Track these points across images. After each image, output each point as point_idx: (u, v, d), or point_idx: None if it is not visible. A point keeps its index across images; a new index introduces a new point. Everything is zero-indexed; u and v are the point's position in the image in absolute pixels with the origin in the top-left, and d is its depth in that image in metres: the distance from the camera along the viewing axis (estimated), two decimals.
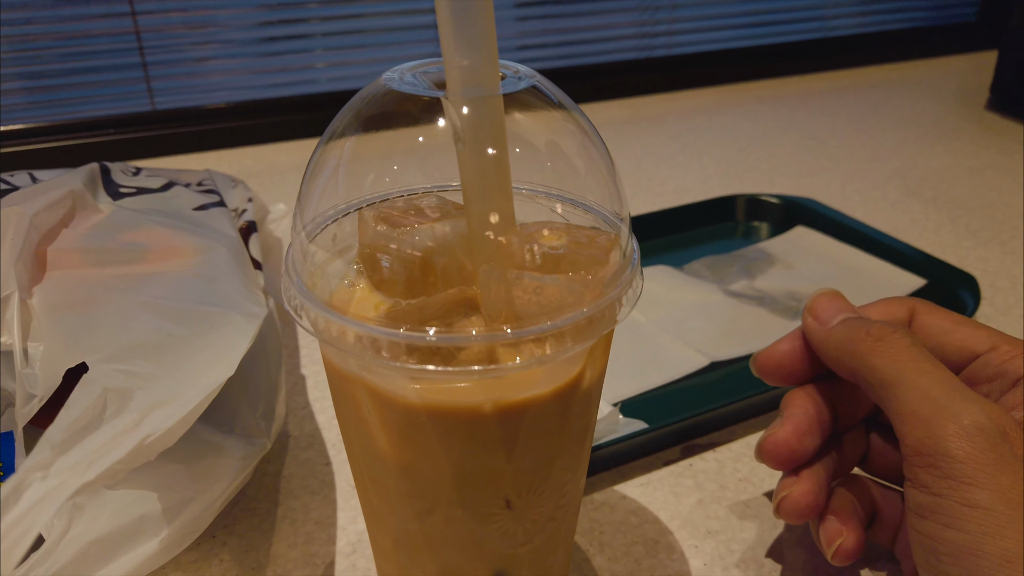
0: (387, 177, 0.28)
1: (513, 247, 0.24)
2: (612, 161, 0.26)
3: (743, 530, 0.36)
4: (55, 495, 0.20)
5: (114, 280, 0.35)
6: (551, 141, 0.26)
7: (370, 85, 0.25)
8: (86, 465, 0.21)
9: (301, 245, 0.26)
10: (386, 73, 0.25)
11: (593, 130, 0.26)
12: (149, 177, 0.50)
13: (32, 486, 0.20)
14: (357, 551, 0.35)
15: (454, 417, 0.23)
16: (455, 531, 0.26)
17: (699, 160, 0.81)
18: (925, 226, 0.66)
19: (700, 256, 0.58)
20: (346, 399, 0.25)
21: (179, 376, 0.29)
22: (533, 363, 0.22)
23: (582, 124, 0.25)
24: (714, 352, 0.47)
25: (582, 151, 0.26)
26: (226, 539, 0.36)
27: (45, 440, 0.22)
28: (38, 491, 0.20)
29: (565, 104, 0.25)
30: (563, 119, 0.25)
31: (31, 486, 0.20)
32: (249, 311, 0.34)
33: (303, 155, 0.82)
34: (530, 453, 0.25)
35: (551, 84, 0.25)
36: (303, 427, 0.43)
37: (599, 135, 0.26)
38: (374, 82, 0.25)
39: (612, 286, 0.24)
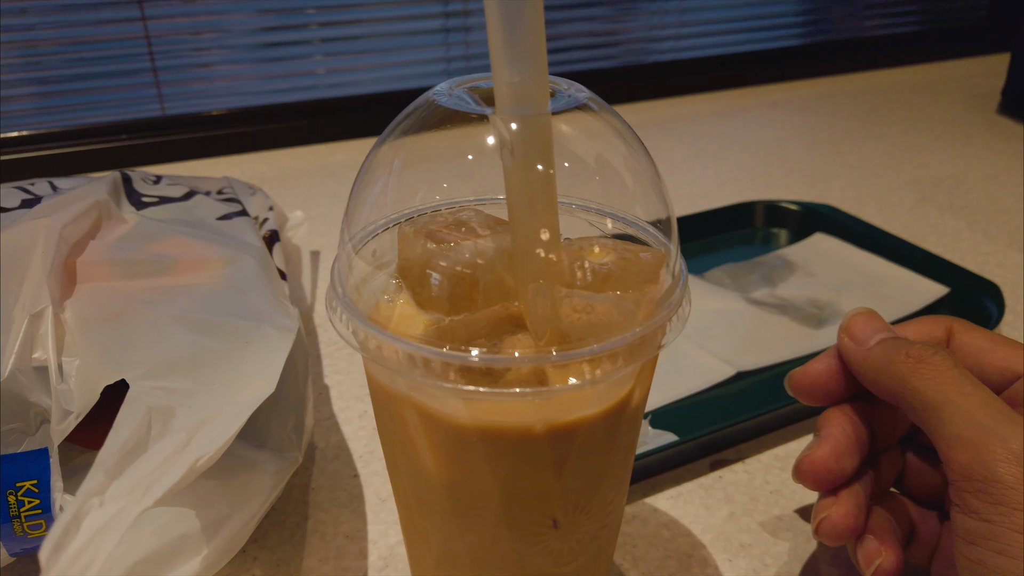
0: (436, 194, 0.28)
1: (562, 265, 0.24)
2: (659, 174, 0.26)
3: (777, 544, 0.36)
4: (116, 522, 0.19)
5: (144, 293, 0.34)
6: (600, 156, 0.26)
7: (418, 99, 0.25)
8: (143, 490, 0.21)
9: (348, 258, 0.26)
10: (435, 88, 0.25)
11: (642, 147, 0.25)
12: (170, 185, 0.50)
13: (91, 513, 0.19)
14: (390, 565, 0.35)
15: (504, 437, 0.23)
16: (500, 550, 0.26)
17: (712, 166, 0.81)
18: (943, 232, 0.66)
19: (719, 263, 0.58)
20: (392, 417, 0.25)
21: (216, 392, 0.28)
22: (586, 384, 0.22)
23: (630, 141, 0.25)
24: (739, 361, 0.47)
25: (631, 168, 0.26)
26: (257, 554, 0.36)
27: (99, 464, 0.21)
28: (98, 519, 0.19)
29: (614, 121, 0.25)
30: (612, 135, 0.25)
31: (90, 513, 0.19)
32: (282, 324, 0.33)
33: (316, 160, 0.82)
34: (579, 472, 0.24)
35: (601, 100, 0.25)
36: (329, 439, 0.43)
37: (648, 153, 0.25)
38: (422, 96, 0.25)
39: (663, 305, 0.24)
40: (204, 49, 0.83)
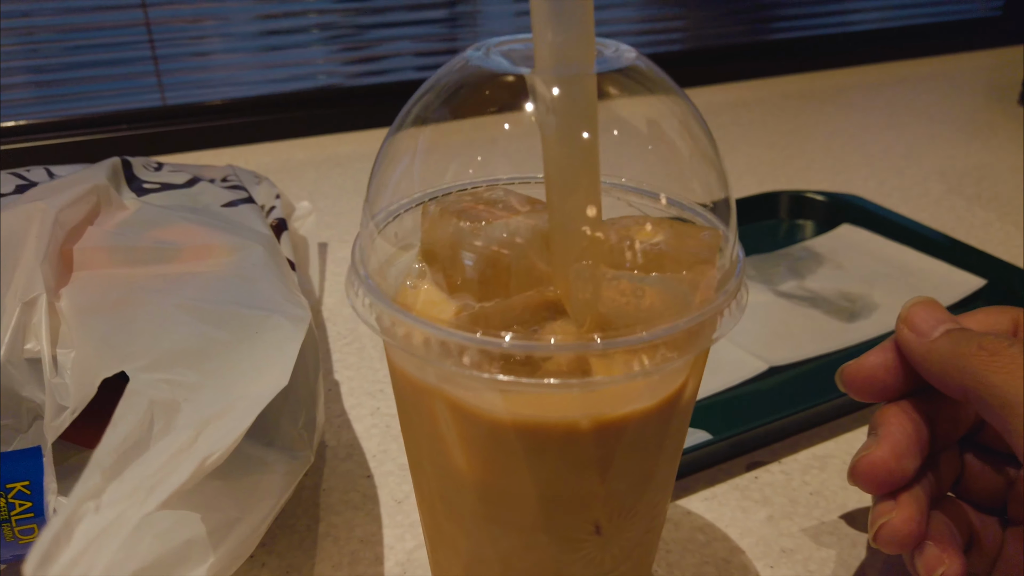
0: (469, 168, 0.26)
1: (608, 244, 0.22)
2: (718, 151, 0.23)
3: (820, 550, 0.34)
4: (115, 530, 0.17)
5: (146, 280, 0.32)
6: (652, 124, 0.23)
7: (452, 61, 0.23)
8: (145, 492, 0.19)
9: (370, 238, 0.24)
10: (470, 49, 0.22)
11: (698, 117, 0.23)
12: (172, 172, 0.47)
13: (85, 519, 0.17)
14: (408, 572, 0.33)
15: (546, 434, 0.21)
16: (536, 558, 0.24)
17: (730, 157, 0.78)
18: (972, 223, 0.64)
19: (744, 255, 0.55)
20: (420, 412, 0.23)
21: (225, 385, 0.26)
22: (638, 376, 0.20)
23: (687, 109, 0.23)
24: (771, 356, 0.45)
25: (685, 138, 0.23)
26: (266, 560, 0.33)
27: (95, 464, 0.19)
28: (94, 525, 0.17)
29: (668, 86, 0.23)
30: (665, 103, 0.23)
31: (84, 519, 0.17)
32: (294, 314, 0.31)
33: (322, 151, 0.79)
34: (626, 473, 0.22)
35: (651, 63, 0.23)
36: (340, 437, 0.41)
37: (704, 123, 0.23)
38: (456, 58, 0.22)
39: (720, 291, 0.22)
40: (206, 37, 0.81)
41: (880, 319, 0.49)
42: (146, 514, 0.18)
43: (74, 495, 0.18)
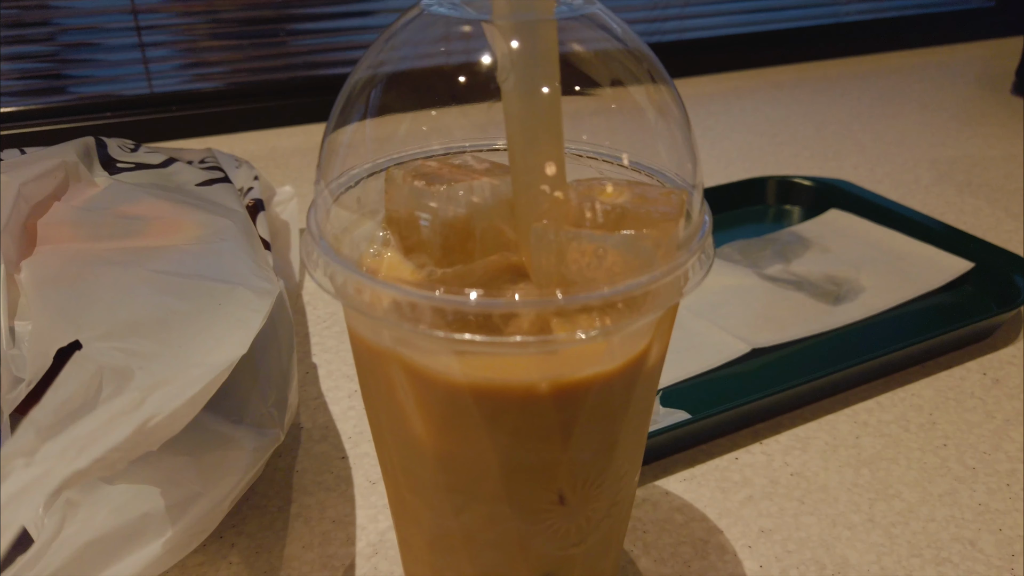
0: (419, 132, 0.25)
1: (570, 203, 0.21)
2: (684, 108, 0.23)
3: (800, 529, 0.33)
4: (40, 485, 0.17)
5: (110, 254, 0.31)
6: (614, 82, 0.23)
7: (407, 10, 0.22)
8: (77, 451, 0.18)
9: (324, 204, 0.23)
10: None
11: (662, 70, 0.22)
12: (148, 153, 0.47)
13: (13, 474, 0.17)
14: (379, 552, 0.32)
15: (504, 398, 0.20)
16: (499, 530, 0.23)
17: (720, 145, 0.78)
18: (962, 209, 0.63)
19: (729, 240, 0.55)
20: (377, 379, 0.22)
21: (183, 355, 0.26)
22: (599, 335, 0.19)
23: (649, 62, 0.22)
24: (754, 338, 0.44)
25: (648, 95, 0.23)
26: (235, 540, 0.33)
27: (29, 422, 0.18)
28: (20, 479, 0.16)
29: (629, 39, 0.22)
30: (628, 58, 0.22)
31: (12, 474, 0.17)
32: (259, 287, 0.30)
33: (307, 140, 0.79)
34: (589, 441, 0.21)
35: (613, 15, 0.22)
36: (316, 419, 0.40)
37: (669, 77, 0.22)
38: (411, 7, 0.22)
39: (685, 249, 0.21)
40: (193, 24, 0.80)
41: (866, 302, 0.48)
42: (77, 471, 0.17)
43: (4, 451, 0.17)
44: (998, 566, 0.32)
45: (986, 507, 0.35)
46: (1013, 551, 0.32)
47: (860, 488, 0.35)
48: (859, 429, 0.39)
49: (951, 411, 0.40)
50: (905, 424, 0.39)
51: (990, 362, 0.44)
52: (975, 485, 0.36)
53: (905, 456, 0.37)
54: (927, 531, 0.33)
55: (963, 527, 0.34)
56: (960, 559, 0.32)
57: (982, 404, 0.41)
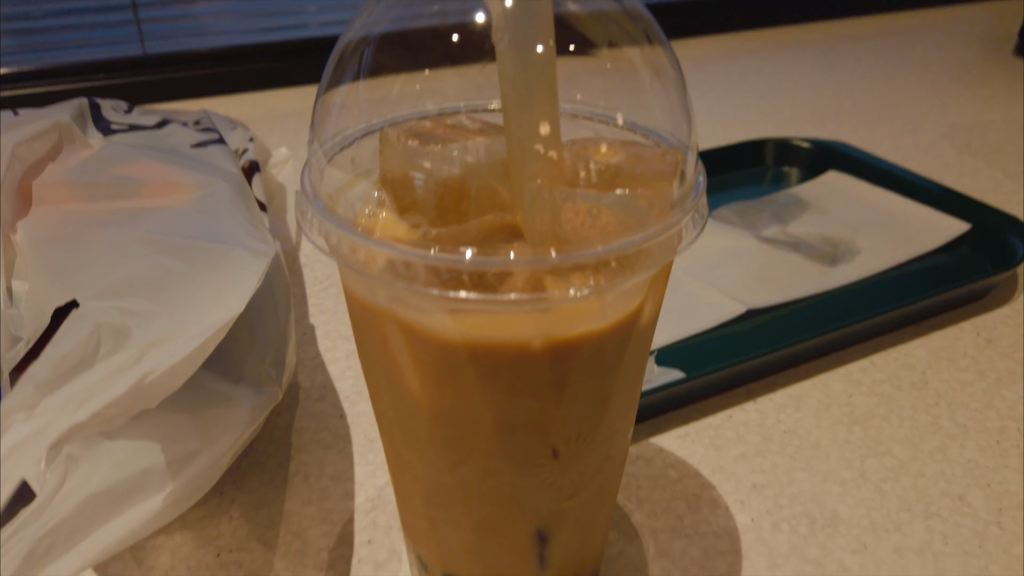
0: (412, 92, 0.25)
1: (564, 163, 0.21)
2: (680, 68, 0.23)
3: (791, 484, 0.34)
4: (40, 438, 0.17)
5: (106, 215, 0.31)
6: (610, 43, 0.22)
7: None
8: (76, 405, 0.18)
9: (318, 164, 0.23)
10: None
11: (658, 31, 0.22)
12: (142, 115, 0.47)
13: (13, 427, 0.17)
14: (377, 507, 0.33)
15: (499, 356, 0.21)
16: (494, 484, 0.23)
17: (719, 107, 0.77)
18: (961, 171, 0.63)
19: (727, 202, 0.55)
20: (372, 337, 0.22)
21: (180, 314, 0.26)
22: (591, 293, 0.19)
23: (645, 22, 0.22)
24: (749, 299, 0.44)
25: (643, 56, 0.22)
26: (235, 495, 0.33)
27: (28, 378, 0.19)
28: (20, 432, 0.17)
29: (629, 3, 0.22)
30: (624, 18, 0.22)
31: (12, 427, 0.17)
32: (255, 248, 0.30)
33: (304, 101, 0.78)
34: (582, 397, 0.22)
35: None
36: (314, 378, 0.40)
37: (665, 37, 0.22)
38: None
39: (679, 208, 0.21)
40: None
41: (862, 263, 0.48)
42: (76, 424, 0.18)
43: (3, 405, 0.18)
44: (985, 520, 0.32)
45: (975, 463, 0.35)
46: (1000, 506, 0.33)
47: (852, 445, 0.36)
48: (852, 388, 0.40)
49: (943, 370, 0.41)
50: (898, 383, 0.40)
51: (984, 322, 0.45)
52: (965, 442, 0.36)
53: (897, 414, 0.38)
54: (917, 487, 0.34)
55: (952, 483, 0.34)
56: (949, 513, 0.33)
57: (975, 363, 0.41)
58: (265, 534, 0.31)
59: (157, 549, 0.31)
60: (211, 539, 0.31)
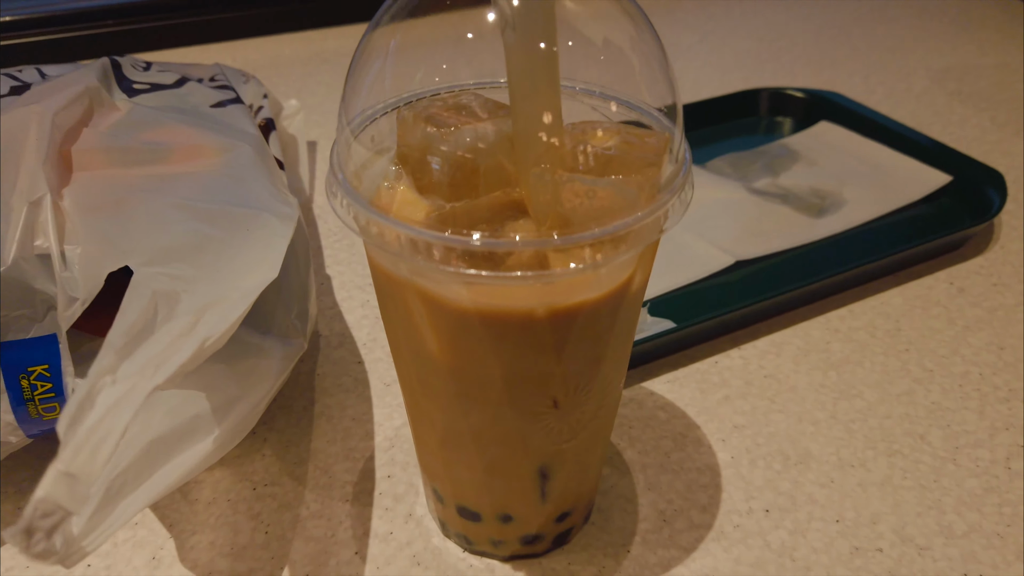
0: (433, 73, 0.27)
1: (565, 149, 0.24)
2: (667, 57, 0.25)
3: (769, 424, 0.37)
4: (129, 399, 0.20)
5: (142, 181, 0.34)
6: (604, 33, 0.25)
7: None
8: (153, 369, 0.21)
9: (347, 143, 0.25)
10: None
11: (647, 22, 0.25)
12: (160, 72, 0.48)
13: (104, 391, 0.20)
14: (395, 446, 0.36)
15: (506, 321, 0.24)
16: (502, 429, 0.27)
17: (718, 52, 0.78)
18: (949, 119, 0.65)
19: (722, 153, 0.57)
20: (395, 303, 0.25)
21: (220, 278, 0.29)
22: (587, 268, 0.22)
23: (636, 15, 0.24)
24: (738, 251, 0.47)
25: (636, 45, 0.25)
26: (267, 435, 0.37)
27: (108, 345, 0.22)
28: (111, 395, 0.20)
29: None
30: (617, 11, 0.24)
31: (103, 391, 0.20)
32: (282, 212, 0.33)
33: (309, 47, 0.79)
34: (579, 355, 0.25)
35: None
36: (332, 327, 0.44)
37: (655, 32, 0.25)
38: None
39: (665, 190, 0.24)
40: None
41: (847, 215, 0.51)
42: (155, 387, 0.21)
43: (93, 371, 0.21)
44: (942, 457, 0.36)
45: (938, 405, 0.39)
46: (957, 444, 0.37)
47: (826, 389, 0.39)
48: (830, 335, 0.43)
49: (916, 318, 0.44)
50: (873, 330, 0.43)
51: (959, 272, 0.48)
52: (930, 386, 0.40)
53: (870, 360, 0.41)
54: (883, 427, 0.37)
55: (915, 423, 0.38)
56: (910, 451, 0.36)
57: (945, 312, 0.44)
58: (295, 470, 0.35)
59: (200, 484, 0.34)
60: (247, 474, 0.35)
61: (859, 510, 0.33)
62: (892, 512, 0.33)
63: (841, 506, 0.33)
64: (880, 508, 0.33)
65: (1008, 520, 0.33)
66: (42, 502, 0.18)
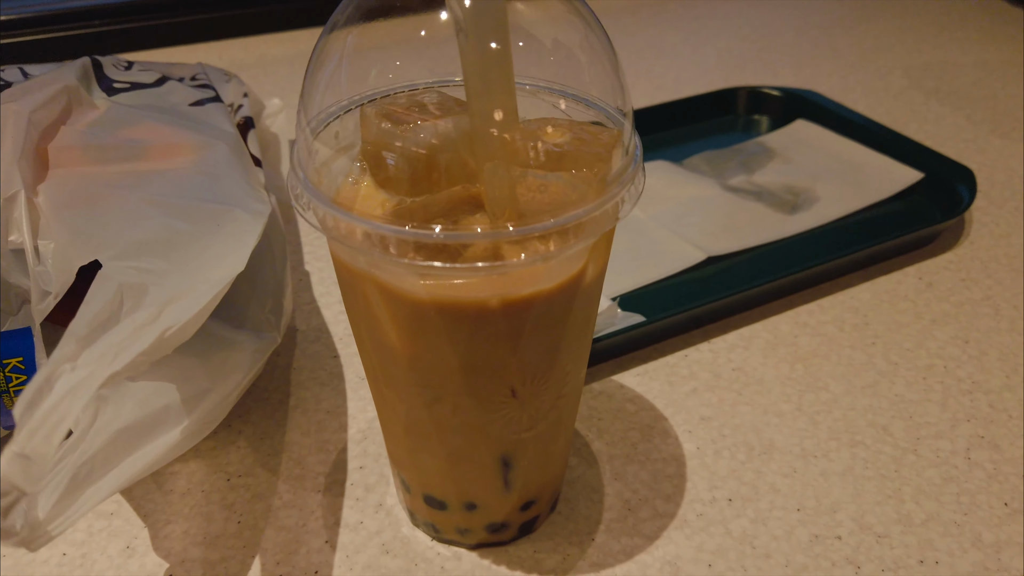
0: (390, 72, 0.28)
1: (517, 145, 0.24)
2: (616, 55, 0.26)
3: (735, 416, 0.38)
4: (85, 385, 0.21)
5: (116, 177, 0.35)
6: (555, 34, 0.26)
7: None
8: (112, 356, 0.22)
9: (306, 142, 0.26)
10: None
11: (597, 22, 0.25)
12: (141, 71, 0.49)
13: (62, 377, 0.21)
14: (368, 438, 0.37)
15: (461, 312, 0.24)
16: (463, 418, 0.27)
17: (701, 50, 0.79)
18: (926, 118, 0.66)
19: (700, 150, 0.58)
20: (356, 295, 0.26)
21: (189, 272, 0.29)
22: (537, 260, 0.23)
23: (586, 16, 0.25)
24: (711, 247, 0.48)
25: (585, 44, 0.26)
26: (242, 428, 0.37)
27: (70, 333, 0.22)
28: (68, 381, 0.20)
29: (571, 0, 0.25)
30: (567, 11, 0.25)
31: (61, 377, 0.21)
32: (253, 208, 0.34)
33: (294, 47, 0.80)
34: (534, 345, 0.26)
35: None
36: (310, 322, 0.44)
37: (603, 28, 0.25)
38: None
39: (615, 183, 0.24)
40: None
41: (820, 211, 0.52)
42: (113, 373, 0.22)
43: (52, 358, 0.21)
44: (903, 447, 0.37)
45: (901, 397, 0.39)
46: (919, 435, 0.37)
47: (793, 381, 0.40)
48: (798, 329, 0.44)
49: (884, 312, 0.45)
50: (841, 324, 0.44)
51: (928, 267, 0.48)
52: (895, 378, 0.40)
53: (837, 353, 0.42)
54: (847, 418, 0.38)
55: (879, 415, 0.38)
56: (872, 441, 0.37)
57: (913, 306, 0.45)
58: (269, 461, 0.36)
59: (175, 475, 0.35)
60: (222, 466, 0.36)
61: (820, 499, 0.34)
62: (852, 501, 0.34)
63: (802, 495, 0.34)
64: (840, 497, 0.34)
65: (965, 509, 0.34)
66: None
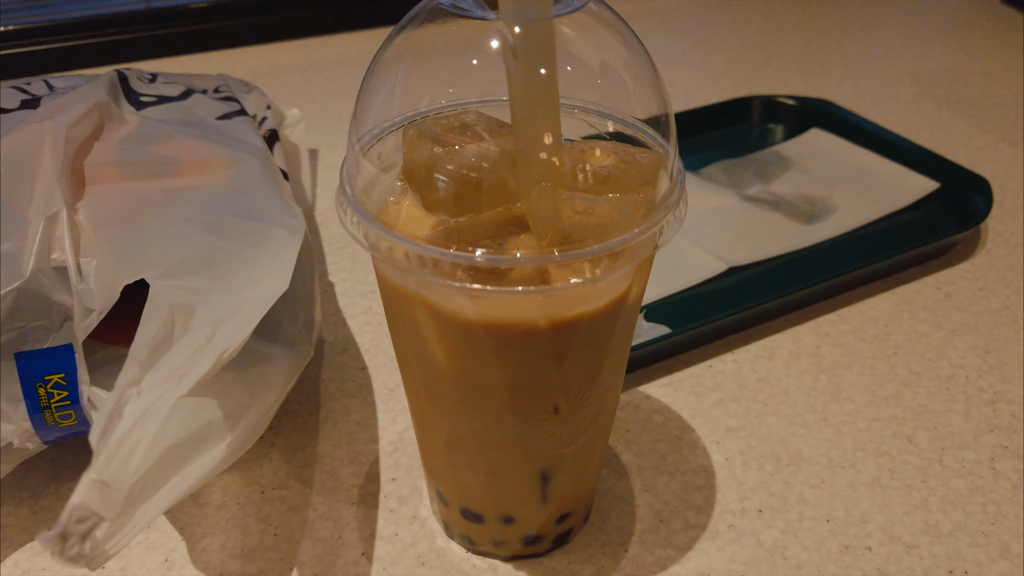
0: (442, 98, 0.28)
1: (564, 168, 0.25)
2: (660, 79, 0.26)
3: (762, 427, 0.39)
4: (156, 410, 0.21)
5: (152, 194, 0.35)
6: (601, 57, 0.26)
7: (421, 3, 0.25)
8: (176, 380, 0.22)
9: (356, 160, 0.27)
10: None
11: (641, 47, 0.26)
12: (165, 84, 0.49)
13: (131, 402, 0.21)
14: (399, 449, 0.38)
15: (510, 332, 0.25)
16: (505, 434, 0.28)
17: (711, 59, 0.80)
18: (937, 126, 0.66)
19: (715, 160, 0.58)
20: (402, 314, 0.27)
21: (232, 290, 0.30)
22: (587, 283, 0.24)
23: (630, 41, 0.26)
24: (731, 257, 0.48)
25: (631, 67, 0.26)
26: (274, 440, 0.38)
27: (132, 358, 0.23)
28: (138, 406, 0.21)
29: (616, 23, 0.25)
30: (612, 35, 0.25)
31: (130, 401, 0.21)
32: (290, 224, 0.34)
33: (308, 55, 0.80)
34: (579, 363, 0.26)
35: (602, 2, 0.25)
36: (336, 333, 0.45)
37: (648, 54, 0.26)
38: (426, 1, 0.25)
39: (660, 207, 0.25)
40: None
41: (837, 221, 0.52)
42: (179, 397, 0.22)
43: (119, 384, 0.22)
44: (929, 457, 0.37)
45: (925, 408, 0.40)
46: (943, 445, 0.38)
47: (817, 392, 0.41)
48: (820, 340, 0.44)
49: (904, 323, 0.45)
50: (862, 334, 0.44)
51: (945, 277, 0.49)
52: (917, 388, 0.41)
53: (859, 363, 0.43)
54: (871, 429, 0.39)
55: (903, 425, 0.39)
56: (897, 452, 0.37)
57: (932, 316, 0.46)
58: (302, 473, 0.36)
59: (210, 487, 0.35)
60: (255, 478, 0.36)
61: (848, 509, 0.35)
62: (880, 512, 0.34)
63: (831, 506, 0.35)
64: (869, 508, 0.35)
65: (992, 519, 0.34)
66: (77, 508, 0.19)
